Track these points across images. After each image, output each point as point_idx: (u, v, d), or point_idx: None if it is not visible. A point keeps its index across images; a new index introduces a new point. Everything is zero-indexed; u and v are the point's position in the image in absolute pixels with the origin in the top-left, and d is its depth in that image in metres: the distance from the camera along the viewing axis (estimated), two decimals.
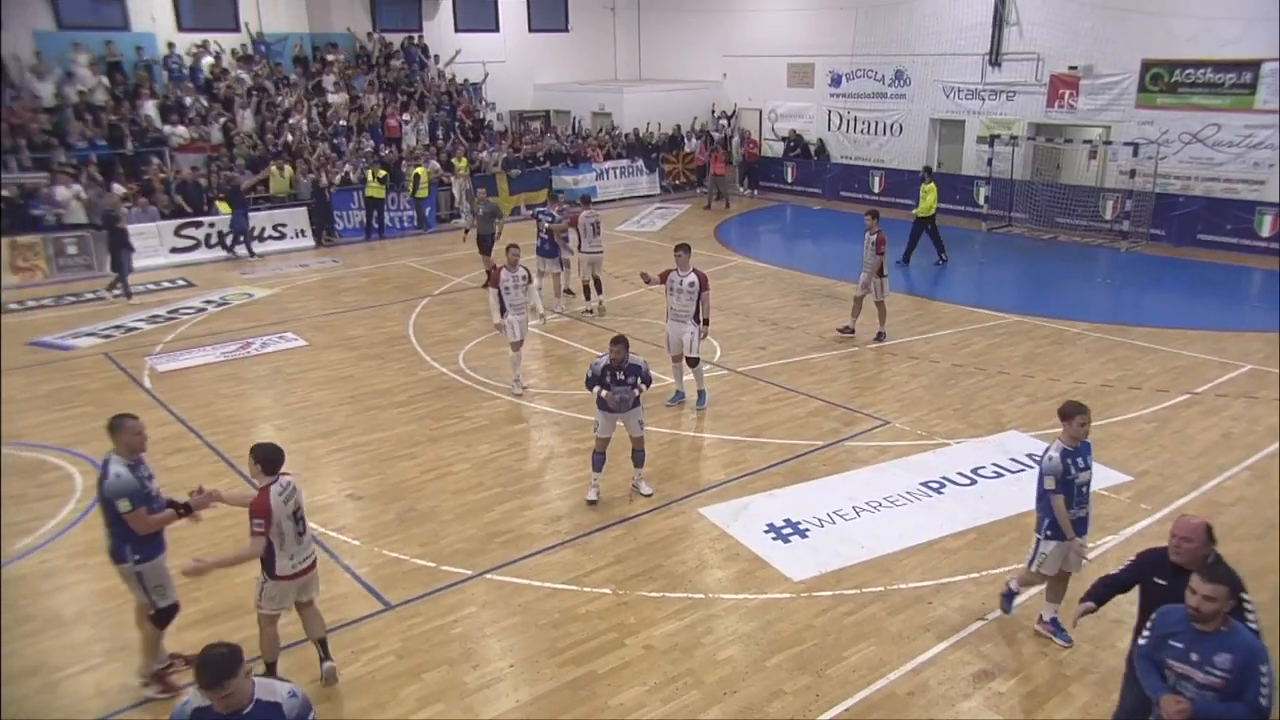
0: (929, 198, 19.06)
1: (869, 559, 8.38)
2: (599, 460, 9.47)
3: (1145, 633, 4.76)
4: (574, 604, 7.78)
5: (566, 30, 32.35)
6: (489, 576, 8.20)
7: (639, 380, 9.25)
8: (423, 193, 23.38)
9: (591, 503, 9.48)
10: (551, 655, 7.13)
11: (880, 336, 14.45)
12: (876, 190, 26.50)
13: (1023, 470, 10.01)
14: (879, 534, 8.78)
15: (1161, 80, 21.12)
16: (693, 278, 11.53)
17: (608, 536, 8.85)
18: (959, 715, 6.48)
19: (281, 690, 4.18)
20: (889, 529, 8.88)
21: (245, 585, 7.25)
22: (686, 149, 29.25)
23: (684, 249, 11.89)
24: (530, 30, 31.49)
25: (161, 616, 6.64)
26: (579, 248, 16.31)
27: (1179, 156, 21.19)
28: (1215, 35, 20.08)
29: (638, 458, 9.69)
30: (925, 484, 9.80)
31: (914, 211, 19.53)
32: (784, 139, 29.34)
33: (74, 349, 14.91)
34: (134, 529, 6.30)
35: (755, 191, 28.82)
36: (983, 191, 23.76)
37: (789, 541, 8.67)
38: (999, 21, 23.42)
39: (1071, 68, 22.33)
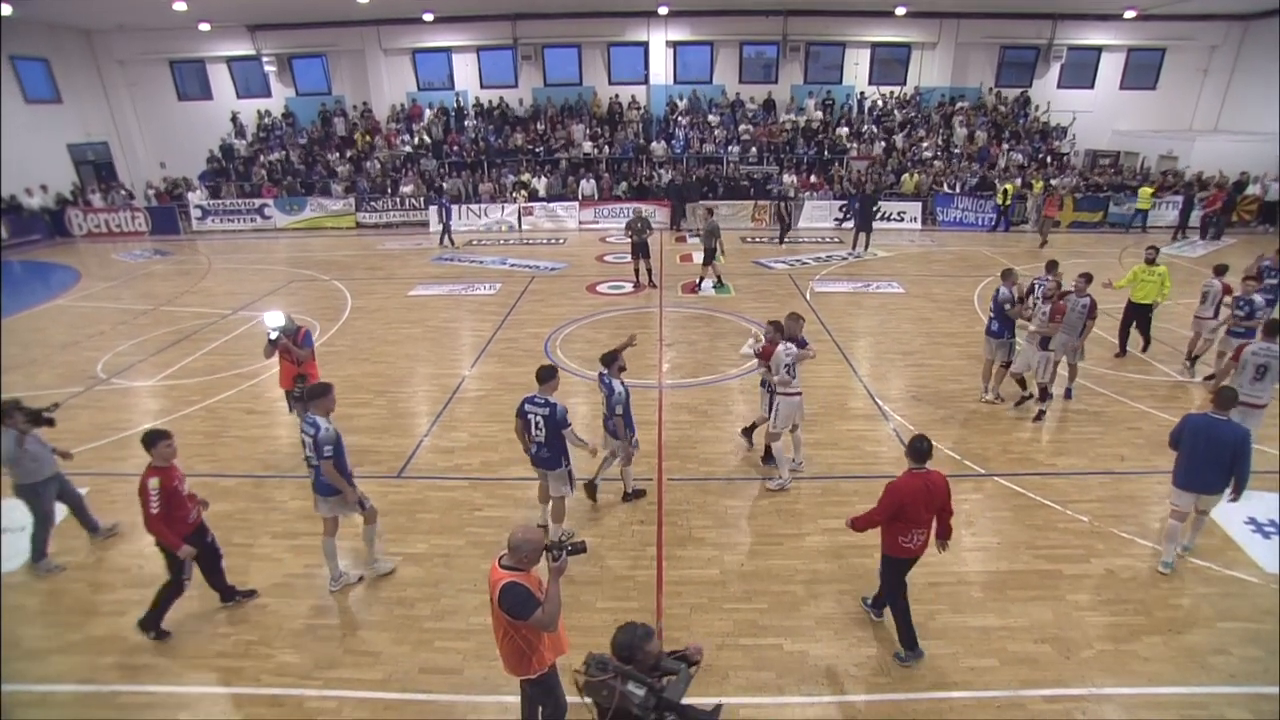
0: (1160, 284, 10.02)
1: None
2: None
3: None
4: (1055, 519, 6.67)
5: (1154, 89, 25.04)
6: (996, 478, 7.34)
7: None
8: (1006, 201, 20.26)
9: None
10: (1029, 547, 6.26)
11: (1068, 394, 9.12)
12: None
13: None
14: None
15: None
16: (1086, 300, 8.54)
17: (1094, 480, 7.29)
18: None
19: None
20: None
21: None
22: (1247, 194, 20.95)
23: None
24: (1120, 89, 24.91)
25: None
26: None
27: None
28: None
29: None
30: None
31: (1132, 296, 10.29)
32: None
33: (773, 269, 16.15)
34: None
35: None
36: None
37: (1269, 538, 6.36)
38: None
39: None
